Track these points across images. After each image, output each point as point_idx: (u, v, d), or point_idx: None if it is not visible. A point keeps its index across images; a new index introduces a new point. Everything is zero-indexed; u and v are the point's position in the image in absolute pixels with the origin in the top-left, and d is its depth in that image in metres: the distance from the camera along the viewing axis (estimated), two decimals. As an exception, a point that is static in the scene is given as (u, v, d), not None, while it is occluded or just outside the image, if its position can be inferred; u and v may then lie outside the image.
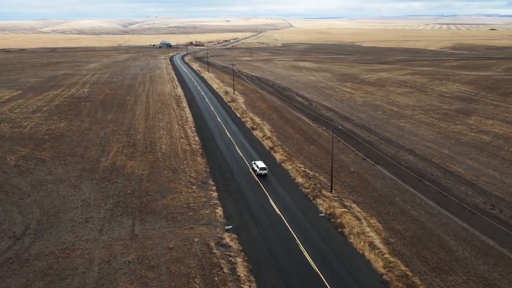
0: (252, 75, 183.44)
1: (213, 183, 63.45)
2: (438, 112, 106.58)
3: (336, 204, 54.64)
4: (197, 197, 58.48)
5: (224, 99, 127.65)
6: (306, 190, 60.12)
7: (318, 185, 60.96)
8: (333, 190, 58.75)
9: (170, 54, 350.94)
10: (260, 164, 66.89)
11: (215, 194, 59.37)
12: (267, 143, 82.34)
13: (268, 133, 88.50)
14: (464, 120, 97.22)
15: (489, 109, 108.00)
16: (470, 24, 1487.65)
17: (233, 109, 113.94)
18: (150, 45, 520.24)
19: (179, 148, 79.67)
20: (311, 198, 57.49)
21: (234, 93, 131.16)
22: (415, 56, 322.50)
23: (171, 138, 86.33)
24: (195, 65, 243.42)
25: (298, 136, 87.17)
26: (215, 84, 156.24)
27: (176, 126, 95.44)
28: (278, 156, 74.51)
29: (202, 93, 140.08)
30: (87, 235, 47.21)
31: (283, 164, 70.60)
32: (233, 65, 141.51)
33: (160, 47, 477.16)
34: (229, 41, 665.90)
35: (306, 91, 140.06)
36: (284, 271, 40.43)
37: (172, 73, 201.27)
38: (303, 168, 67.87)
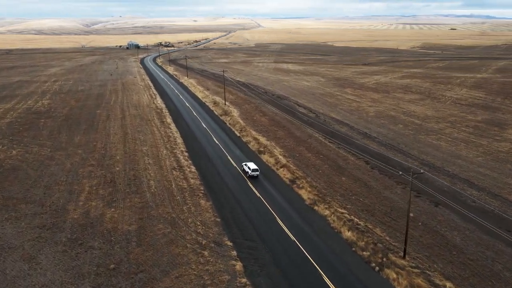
0: (238, 81, 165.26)
1: (230, 243, 45.66)
2: (466, 124, 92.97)
3: (420, 281, 38.15)
4: (214, 272, 40.61)
5: (215, 111, 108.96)
6: (364, 253, 43.34)
7: (380, 244, 44.35)
8: (406, 255, 42.28)
9: (140, 56, 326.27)
10: (252, 165, 64.42)
11: (239, 266, 41.58)
12: (284, 174, 65.01)
13: (282, 159, 71.15)
14: (504, 135, 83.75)
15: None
16: (430, 24, 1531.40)
17: (228, 124, 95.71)
18: (116, 46, 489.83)
19: (173, 185, 60.97)
20: (377, 267, 40.78)
21: (225, 104, 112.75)
22: (393, 57, 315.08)
23: (161, 170, 67.33)
24: (170, 69, 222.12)
25: (320, 162, 70.34)
26: (199, 92, 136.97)
27: (164, 151, 76.28)
28: (305, 194, 57.42)
29: (187, 104, 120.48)
30: None
31: (316, 208, 53.57)
32: (223, 71, 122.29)
33: (127, 48, 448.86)
34: (199, 41, 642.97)
35: (306, 99, 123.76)
36: None
37: (147, 78, 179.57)
38: (347, 215, 51.08)
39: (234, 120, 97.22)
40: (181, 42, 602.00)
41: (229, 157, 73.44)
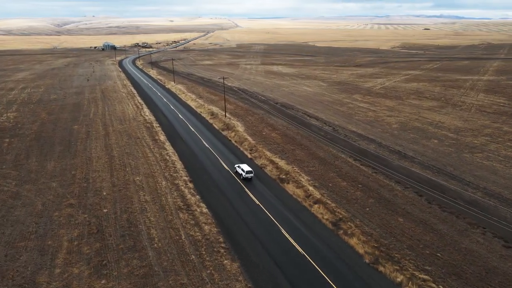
0: (231, 86, 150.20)
1: None
2: (508, 138, 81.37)
3: None
4: None
5: (214, 125, 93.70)
6: None
7: None
8: None
9: (118, 58, 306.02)
10: (246, 167, 62.20)
11: None
12: (323, 214, 50.91)
13: (314, 191, 57.00)
14: (560, 152, 72.39)
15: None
16: (404, 24, 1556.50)
17: (234, 142, 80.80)
18: (91, 47, 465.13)
19: (183, 237, 45.96)
20: None
21: (225, 116, 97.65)
22: (380, 57, 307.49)
23: (163, 211, 52.10)
24: (153, 72, 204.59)
25: (361, 195, 56.61)
26: (192, 100, 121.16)
27: (163, 183, 60.87)
28: (359, 246, 43.53)
29: (180, 116, 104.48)
30: None
31: (382, 269, 39.69)
32: (223, 78, 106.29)
33: (103, 49, 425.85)
34: (178, 42, 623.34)
35: (314, 108, 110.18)
36: None
37: (129, 84, 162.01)
38: (432, 284, 37.38)
39: (240, 136, 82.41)
40: (160, 43, 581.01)
41: (247, 190, 58.68)
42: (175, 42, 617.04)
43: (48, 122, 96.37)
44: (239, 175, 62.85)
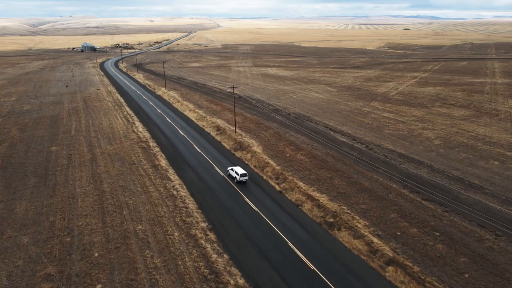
0: (231, 93, 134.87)
1: None
2: None
3: None
4: None
5: (224, 143, 78.14)
6: None
7: None
8: None
9: (99, 60, 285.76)
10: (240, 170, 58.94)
11: None
12: (403, 283, 36.71)
13: (380, 245, 42.50)
14: None
15: None
16: (383, 24, 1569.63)
17: (253, 167, 65.62)
18: (69, 48, 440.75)
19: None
20: None
21: (236, 132, 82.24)
22: (372, 58, 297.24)
23: (181, 285, 36.78)
24: (139, 76, 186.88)
25: (444, 248, 42.31)
26: (190, 111, 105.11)
27: (176, 234, 45.35)
28: None
29: (181, 131, 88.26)
30: None
31: None
32: (233, 87, 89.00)
33: (82, 50, 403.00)
34: (161, 42, 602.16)
35: (334, 119, 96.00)
36: None
37: (114, 90, 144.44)
38: None
39: (260, 160, 67.33)
40: (141, 44, 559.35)
41: (291, 245, 43.70)
42: (157, 42, 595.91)
43: (19, 142, 79.04)
44: (232, 178, 60.30)
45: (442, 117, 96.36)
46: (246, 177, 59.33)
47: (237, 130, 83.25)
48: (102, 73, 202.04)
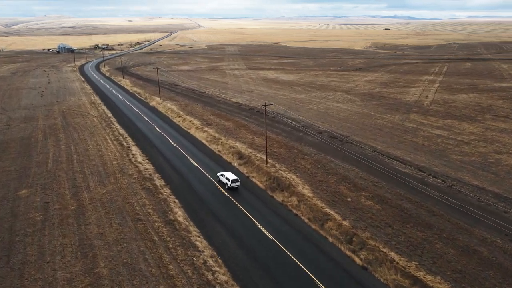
0: (240, 103, 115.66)
1: None
2: None
3: None
4: None
5: (254, 180, 58.82)
6: None
7: None
8: None
9: (78, 63, 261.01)
10: (231, 175, 55.26)
11: None
12: None
13: None
14: None
15: None
16: (364, 24, 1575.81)
17: (306, 220, 46.93)
18: (44, 49, 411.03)
19: None
20: None
21: (267, 164, 63.24)
22: (369, 59, 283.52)
23: None
24: (126, 82, 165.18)
25: None
26: (198, 130, 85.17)
27: None
28: None
29: (193, 161, 68.50)
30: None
31: None
32: (265, 104, 67.29)
33: (58, 52, 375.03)
34: (142, 43, 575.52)
35: (379, 140, 78.18)
36: None
37: (99, 101, 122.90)
38: None
39: (314, 209, 48.73)
40: (122, 44, 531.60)
41: None
42: (139, 43, 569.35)
43: (-24, 183, 58.04)
44: (223, 184, 56.40)
45: (508, 135, 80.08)
46: (238, 183, 55.20)
47: (269, 160, 64.27)
48: (83, 79, 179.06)
